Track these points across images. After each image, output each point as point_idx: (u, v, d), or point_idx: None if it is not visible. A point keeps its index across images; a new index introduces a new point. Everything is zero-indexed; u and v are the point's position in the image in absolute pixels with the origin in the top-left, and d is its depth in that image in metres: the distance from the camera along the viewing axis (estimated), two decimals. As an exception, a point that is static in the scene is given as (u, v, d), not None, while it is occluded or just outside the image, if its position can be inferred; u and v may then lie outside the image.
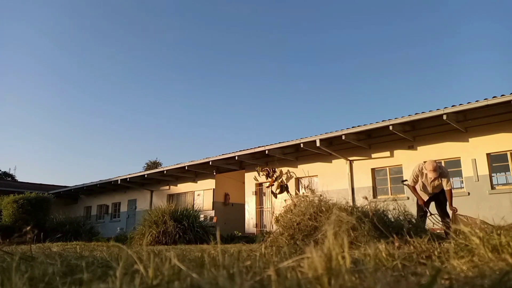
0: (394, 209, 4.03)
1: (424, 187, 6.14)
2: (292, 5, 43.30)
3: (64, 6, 47.43)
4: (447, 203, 6.00)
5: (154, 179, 18.97)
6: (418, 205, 6.23)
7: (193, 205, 16.09)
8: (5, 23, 46.22)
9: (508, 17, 40.34)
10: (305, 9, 43.77)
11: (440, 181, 6.00)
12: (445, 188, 6.03)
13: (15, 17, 45.95)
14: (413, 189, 6.21)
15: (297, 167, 14.29)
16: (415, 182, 6.14)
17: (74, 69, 51.03)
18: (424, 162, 6.13)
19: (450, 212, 5.92)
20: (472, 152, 10.44)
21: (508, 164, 10.00)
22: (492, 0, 39.18)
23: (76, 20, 47.93)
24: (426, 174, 5.97)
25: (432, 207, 6.17)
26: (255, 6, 45.04)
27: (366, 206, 3.81)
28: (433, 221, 5.66)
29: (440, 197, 6.12)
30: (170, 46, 49.92)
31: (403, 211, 4.07)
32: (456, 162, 10.78)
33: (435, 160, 6.06)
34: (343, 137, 11.49)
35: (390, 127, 10.54)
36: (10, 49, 48.18)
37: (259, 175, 15.10)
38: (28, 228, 2.23)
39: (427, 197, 6.21)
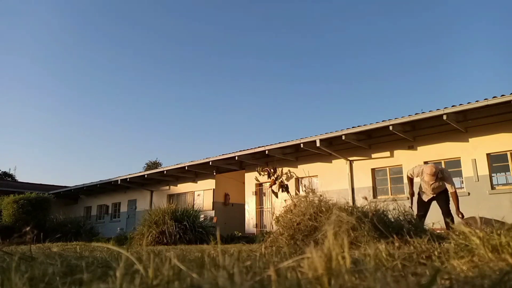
0: (394, 209, 4.03)
1: (424, 188, 6.16)
2: (292, 5, 43.35)
3: (63, 7, 47.48)
4: (455, 208, 5.85)
5: (154, 179, 18.97)
6: (418, 205, 6.23)
7: (193, 205, 16.10)
8: (5, 25, 46.27)
9: (508, 17, 40.37)
10: (304, 10, 43.81)
11: (439, 183, 5.96)
12: (449, 191, 5.94)
13: (15, 18, 46.01)
14: (410, 183, 6.28)
15: (297, 167, 14.29)
16: (414, 176, 6.18)
17: (73, 70, 51.09)
18: (426, 163, 6.11)
19: (456, 217, 5.83)
20: (472, 152, 10.44)
21: (508, 164, 10.00)
22: (491, 0, 39.21)
23: (74, 21, 47.98)
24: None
25: (433, 207, 6.15)
26: (254, 6, 45.09)
27: (366, 206, 3.81)
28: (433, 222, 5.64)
29: (442, 196, 6.07)
30: (170, 46, 49.97)
31: (403, 211, 4.07)
32: (456, 162, 10.78)
33: (435, 165, 6.01)
34: (343, 137, 11.50)
35: (390, 127, 10.54)
36: (10, 50, 48.23)
37: (260, 175, 15.11)
38: (28, 228, 2.23)
39: (428, 197, 6.21)
